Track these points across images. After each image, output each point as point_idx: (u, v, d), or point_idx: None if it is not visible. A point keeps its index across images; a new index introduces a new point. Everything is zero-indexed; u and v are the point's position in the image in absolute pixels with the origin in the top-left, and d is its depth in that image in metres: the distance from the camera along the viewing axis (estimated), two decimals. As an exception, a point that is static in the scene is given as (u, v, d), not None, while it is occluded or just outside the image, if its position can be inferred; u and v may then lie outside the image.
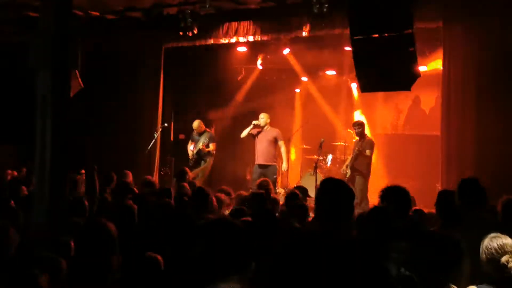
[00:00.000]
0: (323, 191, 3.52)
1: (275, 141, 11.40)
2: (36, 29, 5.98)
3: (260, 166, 11.42)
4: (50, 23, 5.87)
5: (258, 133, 11.48)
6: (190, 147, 12.14)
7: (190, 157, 12.03)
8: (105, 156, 11.75)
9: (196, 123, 12.10)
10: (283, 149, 11.50)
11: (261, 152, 11.40)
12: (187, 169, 9.95)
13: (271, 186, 8.87)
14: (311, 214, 5.75)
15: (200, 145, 11.80)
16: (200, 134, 12.01)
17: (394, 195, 4.68)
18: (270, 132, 11.45)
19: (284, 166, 11.56)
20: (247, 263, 2.64)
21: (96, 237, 3.34)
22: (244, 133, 11.59)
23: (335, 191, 3.48)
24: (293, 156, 14.23)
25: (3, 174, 9.92)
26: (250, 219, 5.04)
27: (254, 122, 11.44)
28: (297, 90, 15.18)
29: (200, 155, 11.90)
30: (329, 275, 2.73)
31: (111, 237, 3.38)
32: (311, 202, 6.80)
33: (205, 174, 11.91)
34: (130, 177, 9.55)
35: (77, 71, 8.60)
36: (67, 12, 6.17)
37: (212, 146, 11.94)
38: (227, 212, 6.77)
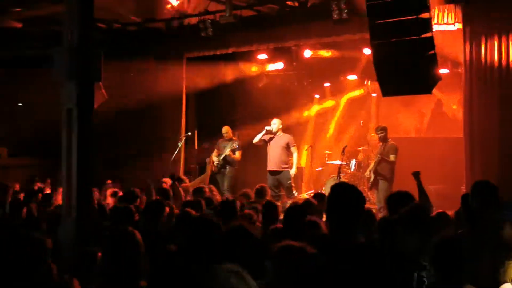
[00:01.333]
0: (332, 196, 3.55)
1: (287, 147, 11.38)
2: (60, 42, 6.10)
3: (272, 172, 11.41)
4: (74, 36, 5.98)
5: (271, 139, 11.47)
6: (214, 154, 12.18)
7: (215, 164, 12.08)
8: (129, 166, 11.89)
9: (225, 128, 12.15)
10: (295, 155, 11.47)
11: (272, 158, 11.39)
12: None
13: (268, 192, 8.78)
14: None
15: (227, 151, 11.83)
16: (228, 140, 12.05)
17: (400, 202, 4.71)
18: (282, 138, 11.44)
19: (293, 171, 11.47)
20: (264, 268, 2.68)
21: (123, 244, 3.41)
22: (256, 139, 11.58)
23: (344, 196, 3.51)
24: (303, 161, 14.13)
25: (32, 185, 10.09)
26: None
27: (267, 127, 11.43)
28: (317, 96, 15.17)
29: (226, 161, 11.92)
30: (338, 279, 2.78)
31: (137, 245, 3.44)
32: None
33: (230, 182, 11.90)
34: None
35: (100, 83, 8.76)
36: (90, 26, 6.29)
37: (238, 154, 11.96)
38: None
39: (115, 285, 3.21)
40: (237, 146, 11.90)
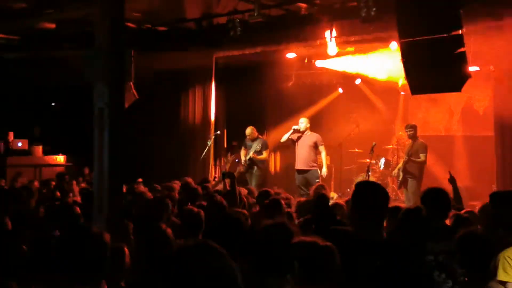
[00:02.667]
0: (357, 193, 3.59)
1: (315, 146, 11.37)
2: (91, 43, 6.24)
3: (300, 171, 11.41)
4: (105, 37, 6.11)
5: (298, 138, 11.47)
6: (242, 153, 12.26)
7: (242, 163, 12.17)
8: (160, 164, 12.05)
9: (249, 130, 12.10)
10: (323, 154, 11.46)
11: (301, 157, 11.39)
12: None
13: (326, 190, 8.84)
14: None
15: (251, 153, 11.83)
16: (253, 140, 12.04)
17: (432, 197, 4.76)
18: (310, 137, 11.42)
19: (324, 171, 11.47)
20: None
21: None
22: (283, 138, 11.60)
23: (368, 193, 3.55)
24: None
25: (62, 182, 10.24)
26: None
27: (294, 127, 11.42)
28: (340, 90, 15.03)
29: (253, 161, 11.93)
30: (359, 274, 2.83)
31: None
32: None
33: (258, 181, 11.89)
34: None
35: (131, 83, 8.90)
36: (121, 26, 6.42)
37: (265, 154, 11.95)
38: None
39: (147, 278, 3.30)
40: (260, 147, 11.83)
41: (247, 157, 11.92)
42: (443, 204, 4.84)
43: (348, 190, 12.53)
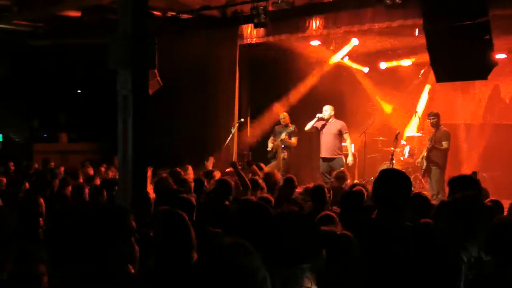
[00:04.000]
0: (380, 180, 3.57)
1: (339, 133, 11.33)
2: (115, 31, 6.28)
3: (325, 159, 11.41)
4: (128, 24, 6.14)
5: (323, 126, 11.44)
6: (270, 141, 12.25)
7: (268, 149, 12.17)
8: (183, 152, 12.10)
9: (283, 114, 12.27)
10: (348, 142, 11.44)
11: (325, 145, 11.37)
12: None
13: (346, 176, 8.85)
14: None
15: (283, 135, 11.85)
16: (284, 126, 12.10)
17: (462, 185, 4.64)
18: (334, 125, 11.39)
19: (350, 159, 11.46)
20: (318, 252, 2.73)
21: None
22: (308, 126, 11.58)
23: (391, 180, 3.53)
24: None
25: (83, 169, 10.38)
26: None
27: (318, 115, 11.38)
28: (365, 70, 14.92)
29: (282, 145, 11.91)
30: (388, 262, 2.82)
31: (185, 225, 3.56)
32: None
33: (285, 167, 11.82)
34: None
35: (155, 70, 8.94)
36: (144, 13, 6.44)
37: (294, 140, 11.99)
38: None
39: (168, 262, 3.33)
40: (291, 134, 11.92)
41: (279, 139, 11.88)
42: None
43: (372, 178, 12.46)
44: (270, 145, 12.19)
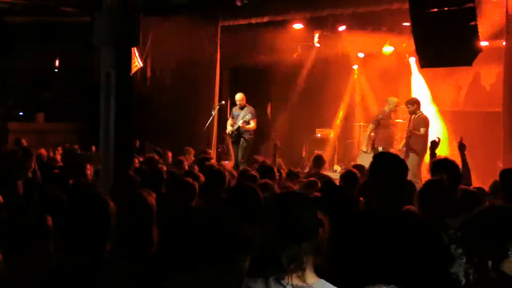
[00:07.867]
0: (375, 165, 3.52)
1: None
2: (99, 8, 6.14)
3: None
4: (112, 1, 6.02)
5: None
6: (229, 123, 11.80)
7: (227, 133, 11.74)
8: (164, 134, 11.97)
9: (240, 95, 11.66)
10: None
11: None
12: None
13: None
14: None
15: (240, 122, 11.37)
16: (241, 108, 11.56)
17: (442, 168, 4.64)
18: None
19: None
20: (315, 231, 2.69)
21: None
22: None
23: (387, 164, 3.49)
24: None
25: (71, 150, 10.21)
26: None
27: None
28: (355, 67, 15.02)
29: (240, 132, 11.45)
30: (379, 246, 2.79)
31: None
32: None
33: (245, 155, 11.36)
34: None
35: (136, 50, 8.81)
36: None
37: (253, 123, 11.45)
38: None
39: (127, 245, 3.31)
40: (250, 116, 11.42)
41: (235, 127, 11.50)
42: (453, 176, 4.64)
43: (352, 163, 12.49)
44: (229, 128, 11.69)
